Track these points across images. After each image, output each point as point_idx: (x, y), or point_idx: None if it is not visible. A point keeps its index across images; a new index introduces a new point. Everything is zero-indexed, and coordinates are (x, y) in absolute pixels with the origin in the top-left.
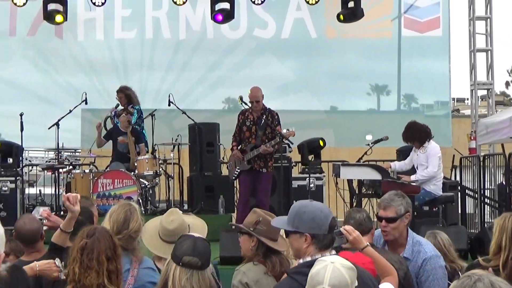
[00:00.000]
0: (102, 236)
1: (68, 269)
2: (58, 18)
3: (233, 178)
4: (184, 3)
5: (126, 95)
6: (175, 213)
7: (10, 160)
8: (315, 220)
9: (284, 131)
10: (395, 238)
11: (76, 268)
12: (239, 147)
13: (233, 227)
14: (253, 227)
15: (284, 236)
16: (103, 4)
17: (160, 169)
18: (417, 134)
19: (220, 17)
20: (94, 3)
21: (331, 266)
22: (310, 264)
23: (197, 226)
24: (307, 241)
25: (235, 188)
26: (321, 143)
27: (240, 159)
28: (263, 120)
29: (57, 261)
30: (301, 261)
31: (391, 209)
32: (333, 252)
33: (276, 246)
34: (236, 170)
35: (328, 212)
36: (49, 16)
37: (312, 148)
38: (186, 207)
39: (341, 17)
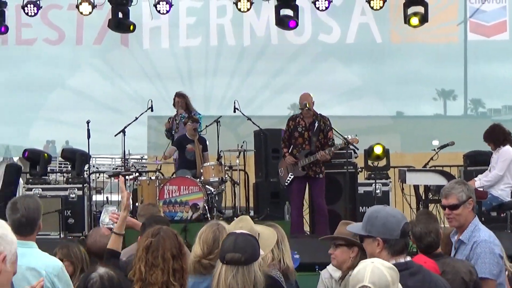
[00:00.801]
0: (167, 235)
1: (134, 269)
2: (130, 27)
3: (286, 184)
4: (248, 9)
5: (186, 103)
6: (244, 220)
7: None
8: (387, 225)
9: (348, 137)
10: (461, 225)
11: (142, 267)
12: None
13: (325, 239)
14: (354, 238)
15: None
16: (167, 12)
17: (226, 176)
18: (494, 136)
19: (293, 23)
20: (159, 11)
21: (371, 265)
22: None
23: (266, 236)
24: (379, 245)
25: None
26: (378, 149)
27: (293, 165)
28: (316, 126)
29: None
30: None
31: (452, 197)
32: (408, 258)
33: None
34: (289, 176)
35: (401, 217)
36: (117, 25)
37: (374, 154)
38: (252, 213)
39: (411, 21)
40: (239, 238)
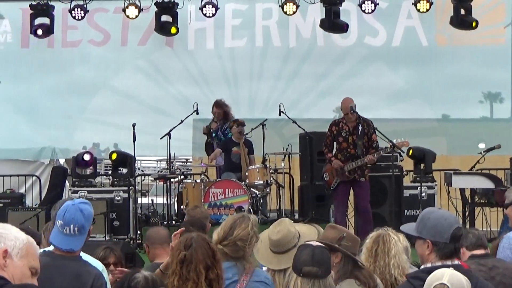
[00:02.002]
0: (200, 246)
1: (168, 281)
2: (172, 29)
3: (331, 189)
4: (294, 12)
5: (225, 112)
6: (282, 223)
7: (124, 170)
8: (437, 228)
9: (397, 140)
10: None
11: (175, 281)
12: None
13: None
14: (338, 243)
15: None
16: (213, 15)
17: (271, 179)
18: None
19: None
20: (204, 14)
21: (449, 270)
22: (429, 271)
23: (307, 234)
24: (429, 247)
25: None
26: (409, 152)
27: (339, 170)
28: (360, 130)
29: None
30: (422, 267)
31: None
32: (456, 261)
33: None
34: (335, 181)
35: (453, 221)
36: (161, 28)
37: (414, 156)
38: (297, 216)
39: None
40: (316, 251)
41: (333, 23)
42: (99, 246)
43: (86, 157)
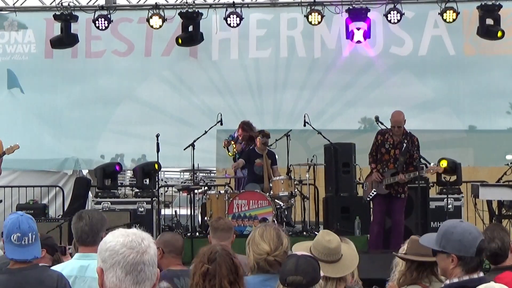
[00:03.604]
0: (223, 260)
1: None
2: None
3: (368, 199)
4: (319, 22)
5: (250, 136)
6: (330, 233)
7: (147, 181)
8: (463, 242)
9: (431, 165)
10: None
11: None
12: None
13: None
14: (404, 251)
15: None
16: (238, 25)
17: (296, 190)
18: None
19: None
20: (229, 24)
21: (498, 285)
22: (457, 286)
23: (350, 256)
24: (453, 262)
25: (371, 209)
26: (443, 164)
27: (377, 182)
28: (404, 145)
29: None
30: (447, 282)
31: None
32: (481, 274)
33: (422, 259)
34: (372, 192)
35: (477, 234)
36: (184, 40)
37: (448, 168)
38: (321, 228)
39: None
40: (300, 260)
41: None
42: None
43: (118, 168)
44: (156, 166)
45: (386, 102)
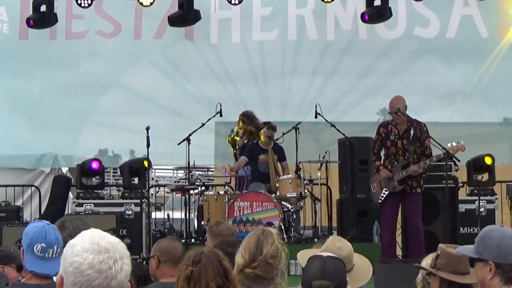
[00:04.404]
0: (210, 262)
1: None
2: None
3: (379, 201)
4: (332, 0)
5: (251, 130)
6: (341, 240)
7: (136, 180)
8: (500, 248)
9: (452, 144)
10: None
11: None
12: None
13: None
14: (433, 264)
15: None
16: (239, 2)
17: (306, 191)
18: None
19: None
20: (230, 1)
21: None
22: None
23: (363, 267)
24: (491, 271)
25: None
26: (488, 160)
27: (388, 180)
28: (411, 134)
29: None
30: None
31: None
32: None
33: (463, 280)
34: (384, 192)
35: None
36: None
37: (482, 166)
38: (335, 234)
39: None
40: (327, 263)
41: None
42: None
43: (94, 165)
44: (146, 163)
45: (408, 91)
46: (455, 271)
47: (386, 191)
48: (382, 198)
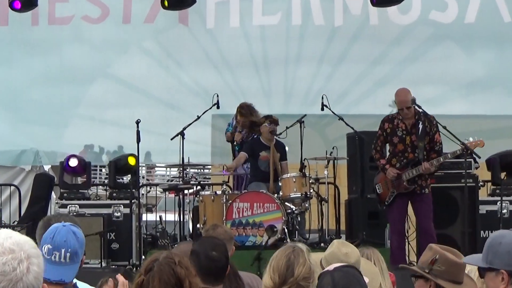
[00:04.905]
0: (160, 270)
1: None
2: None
3: (386, 204)
4: None
5: (251, 122)
6: (346, 245)
7: (125, 179)
8: None
9: (469, 140)
10: None
11: None
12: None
13: (403, 268)
14: (429, 268)
15: (477, 275)
16: None
17: (311, 191)
18: None
19: None
20: None
21: None
22: None
23: (370, 274)
24: (504, 280)
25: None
26: None
27: (395, 180)
28: (420, 128)
29: None
30: None
31: None
32: None
33: None
34: (391, 193)
35: None
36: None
37: (505, 163)
38: (343, 238)
39: None
40: (335, 276)
41: None
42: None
43: (73, 163)
44: (133, 160)
45: (423, 81)
46: (453, 280)
47: (393, 192)
48: (389, 200)
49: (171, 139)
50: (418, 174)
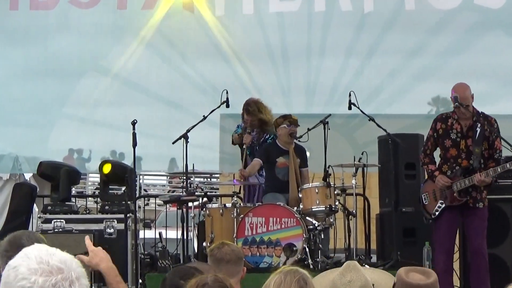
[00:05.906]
0: None
1: None
2: None
3: (433, 217)
4: None
5: (260, 120)
6: (353, 269)
7: (119, 190)
8: None
9: None
10: None
11: None
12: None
13: None
14: None
15: None
16: None
17: (337, 203)
18: None
19: None
20: None
21: None
22: None
23: (384, 283)
24: None
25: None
26: None
27: (445, 190)
28: (478, 132)
29: None
30: None
31: None
32: None
33: None
34: (439, 205)
35: None
36: None
37: None
38: (374, 259)
39: None
40: None
41: None
42: None
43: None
44: (108, 168)
45: (468, 76)
46: None
47: (442, 203)
48: (437, 213)
49: (173, 143)
50: (472, 185)
